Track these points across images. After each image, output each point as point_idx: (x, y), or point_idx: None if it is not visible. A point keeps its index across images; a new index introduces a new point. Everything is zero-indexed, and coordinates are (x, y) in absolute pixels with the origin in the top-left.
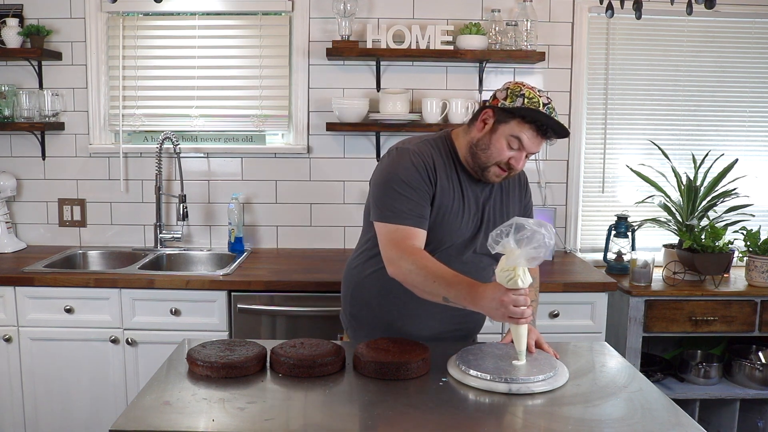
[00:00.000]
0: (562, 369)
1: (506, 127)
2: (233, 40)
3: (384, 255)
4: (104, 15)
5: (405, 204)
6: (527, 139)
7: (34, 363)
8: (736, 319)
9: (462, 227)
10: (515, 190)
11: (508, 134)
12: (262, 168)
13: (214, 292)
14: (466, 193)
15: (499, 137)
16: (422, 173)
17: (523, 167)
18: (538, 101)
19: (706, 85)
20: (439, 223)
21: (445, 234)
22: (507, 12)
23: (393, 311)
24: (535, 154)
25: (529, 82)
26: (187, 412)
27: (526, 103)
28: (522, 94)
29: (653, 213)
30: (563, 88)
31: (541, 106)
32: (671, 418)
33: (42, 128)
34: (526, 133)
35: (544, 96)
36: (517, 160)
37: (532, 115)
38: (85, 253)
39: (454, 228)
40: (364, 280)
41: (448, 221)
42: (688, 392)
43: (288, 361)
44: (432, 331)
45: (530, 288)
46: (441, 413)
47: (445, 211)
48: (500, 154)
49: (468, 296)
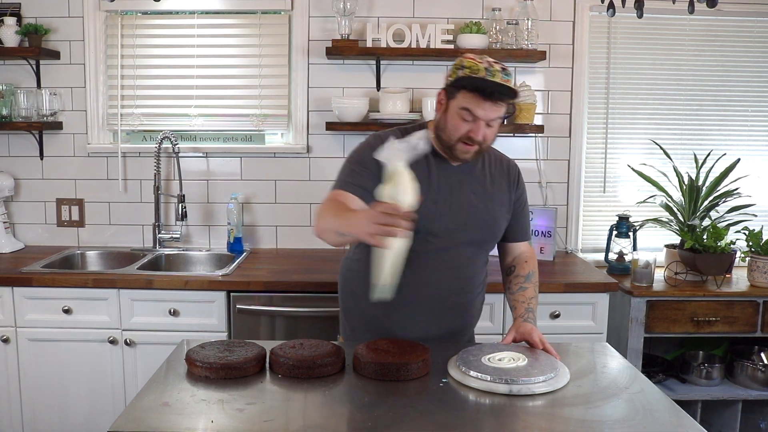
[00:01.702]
0: (563, 370)
1: (455, 101)
2: (232, 39)
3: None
4: (102, 14)
5: (351, 176)
6: (475, 107)
7: (32, 364)
8: (738, 320)
9: (435, 214)
10: (503, 182)
11: (458, 108)
12: (262, 168)
13: (213, 293)
14: (436, 176)
15: (452, 113)
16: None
17: (490, 138)
18: (478, 67)
19: (708, 84)
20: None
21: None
22: (508, 11)
23: (379, 305)
24: (495, 121)
25: (528, 80)
26: (186, 413)
27: (467, 73)
28: (462, 66)
29: (655, 213)
30: (564, 88)
31: (481, 71)
32: (673, 419)
33: (40, 128)
34: (472, 101)
35: (485, 61)
36: (475, 131)
37: (473, 83)
38: (84, 254)
39: (423, 211)
40: (352, 273)
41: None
42: (690, 393)
43: (287, 362)
44: (419, 328)
45: (529, 283)
46: (441, 414)
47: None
48: (456, 129)
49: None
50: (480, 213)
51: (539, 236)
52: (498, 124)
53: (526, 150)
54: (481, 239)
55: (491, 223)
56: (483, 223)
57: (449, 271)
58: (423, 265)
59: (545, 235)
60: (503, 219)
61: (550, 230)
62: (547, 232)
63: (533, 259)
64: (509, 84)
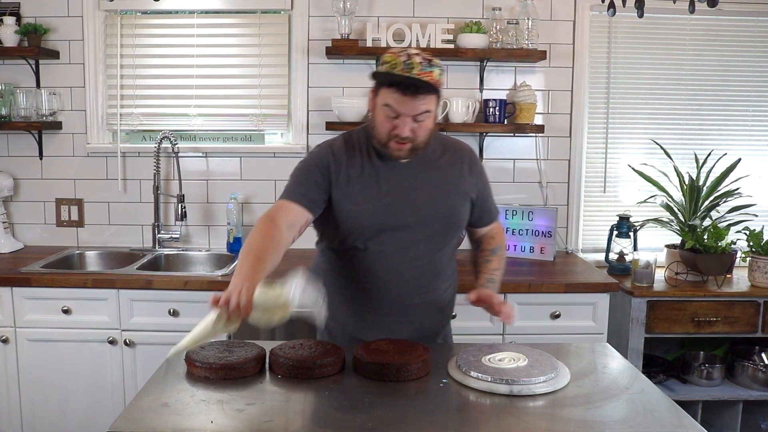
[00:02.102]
0: (564, 370)
1: (378, 98)
2: (232, 39)
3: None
4: (102, 13)
5: (297, 186)
6: (396, 103)
7: (32, 364)
8: (739, 320)
9: (383, 211)
10: (457, 170)
11: (381, 105)
12: (261, 167)
13: (212, 293)
14: (383, 175)
15: (378, 111)
16: (322, 161)
17: (421, 133)
18: (396, 61)
19: (709, 84)
20: (354, 208)
21: (366, 220)
22: (508, 10)
23: (345, 311)
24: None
25: (529, 80)
26: (186, 414)
27: (385, 69)
28: (383, 62)
29: (655, 213)
30: (565, 87)
31: (399, 65)
32: (673, 419)
33: (39, 128)
34: (391, 97)
35: (404, 54)
36: (400, 127)
37: (388, 78)
38: (83, 254)
39: (374, 211)
40: (318, 275)
41: (365, 206)
42: (691, 394)
43: (287, 362)
44: (388, 332)
45: (494, 256)
46: (442, 415)
47: (359, 197)
48: (383, 126)
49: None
50: (436, 205)
51: (540, 236)
52: (430, 117)
53: (527, 150)
54: (440, 231)
55: (449, 213)
56: (440, 215)
57: (410, 271)
58: (383, 269)
59: (545, 235)
60: (462, 207)
61: (551, 230)
62: (547, 232)
63: (500, 235)
64: (430, 76)
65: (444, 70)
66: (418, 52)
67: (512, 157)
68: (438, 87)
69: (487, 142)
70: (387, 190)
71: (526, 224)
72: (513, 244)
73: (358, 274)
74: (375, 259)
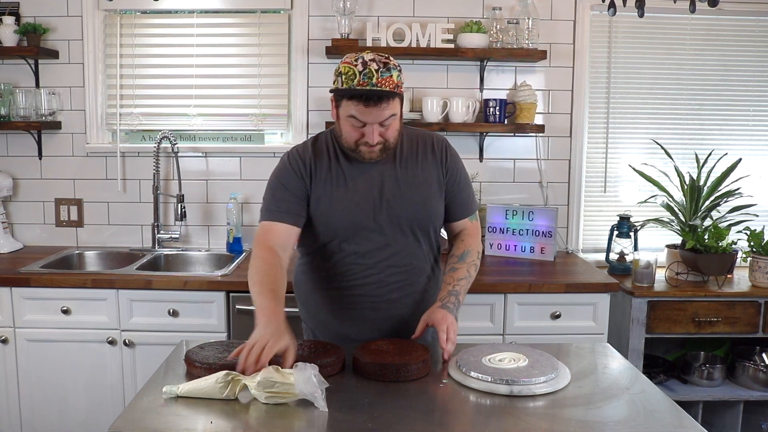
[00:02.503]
0: (564, 370)
1: (341, 109)
2: (232, 39)
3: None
4: (101, 13)
5: (276, 203)
6: (360, 114)
7: (31, 364)
8: (740, 320)
9: (354, 212)
10: (427, 161)
11: (346, 115)
12: (261, 167)
13: (212, 293)
14: (351, 175)
15: (343, 120)
16: (295, 170)
17: (391, 135)
18: (353, 72)
19: (710, 83)
20: (325, 210)
21: (337, 221)
22: (508, 10)
23: (326, 310)
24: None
25: (529, 80)
26: (185, 414)
27: (344, 81)
28: (340, 73)
29: (656, 213)
30: (565, 87)
31: (357, 75)
32: (674, 420)
33: (38, 127)
34: (354, 109)
35: (360, 63)
36: (369, 135)
37: (349, 92)
38: (82, 254)
39: (345, 213)
40: (299, 277)
41: (336, 208)
42: (691, 394)
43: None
44: (369, 329)
45: (462, 264)
46: (442, 415)
47: (330, 200)
48: (350, 135)
49: (259, 312)
50: (406, 201)
51: (540, 236)
52: (396, 119)
53: (527, 150)
54: (414, 227)
55: (420, 206)
56: (411, 210)
57: (385, 268)
58: (359, 268)
59: (546, 235)
60: (434, 199)
61: (551, 230)
62: (547, 232)
63: (472, 237)
64: (390, 81)
65: (401, 69)
66: (373, 57)
67: (512, 157)
68: (399, 91)
69: (487, 142)
70: (356, 191)
71: (526, 224)
72: (513, 244)
73: (335, 275)
74: (351, 260)
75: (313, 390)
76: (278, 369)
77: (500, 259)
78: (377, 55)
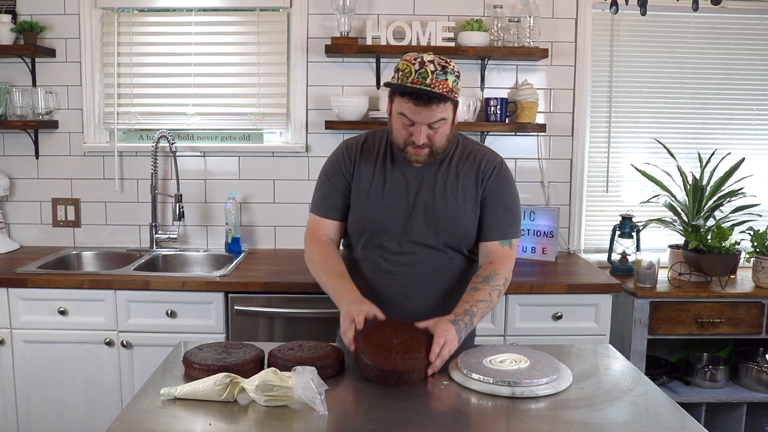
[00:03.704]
0: (566, 372)
1: (394, 106)
2: (230, 37)
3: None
4: (99, 11)
5: (320, 195)
6: (409, 112)
7: (28, 366)
8: (743, 321)
9: (386, 212)
10: (469, 178)
11: (397, 113)
12: (260, 167)
13: (210, 294)
14: (391, 177)
15: (395, 117)
16: (339, 163)
17: (438, 140)
18: (410, 70)
19: (713, 82)
20: (358, 205)
21: (366, 219)
22: (509, 8)
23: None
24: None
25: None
26: (183, 416)
27: (400, 77)
28: (397, 69)
29: (658, 213)
30: (567, 86)
31: (412, 74)
32: (677, 422)
33: (35, 127)
34: (405, 106)
35: (418, 62)
36: (416, 135)
37: (400, 89)
38: (80, 254)
39: (375, 212)
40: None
41: (366, 203)
42: (694, 396)
43: (286, 364)
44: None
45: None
46: (443, 417)
47: (364, 195)
48: (399, 133)
49: (337, 297)
50: (437, 214)
51: (541, 236)
52: (447, 123)
53: (528, 149)
54: (439, 239)
55: (449, 223)
56: (439, 223)
57: (410, 276)
58: (382, 268)
59: (547, 235)
60: (467, 218)
61: (553, 230)
62: (549, 232)
63: (502, 261)
64: (444, 85)
65: (459, 75)
66: (433, 59)
67: (514, 157)
68: (452, 96)
69: (488, 142)
70: (391, 193)
71: (527, 224)
72: None
73: (361, 266)
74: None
75: (312, 395)
76: (276, 372)
77: None
78: (438, 57)
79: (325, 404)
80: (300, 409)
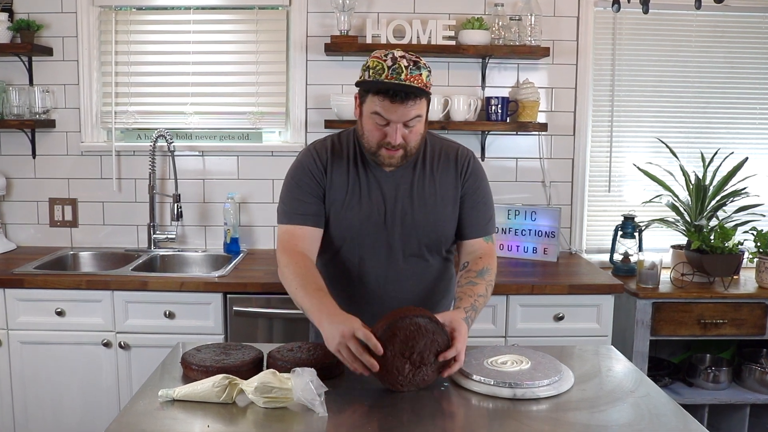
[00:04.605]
0: (567, 373)
1: (366, 105)
2: (229, 35)
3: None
4: (96, 9)
5: (292, 203)
6: (384, 111)
7: (25, 367)
8: (746, 322)
9: (366, 222)
10: (447, 177)
11: (369, 112)
12: (259, 167)
13: (209, 294)
14: (366, 184)
15: (366, 118)
16: (311, 167)
17: (412, 139)
18: (382, 66)
19: (715, 81)
20: (335, 216)
21: (346, 229)
22: (510, 6)
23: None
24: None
25: (531, 77)
26: (182, 418)
27: (371, 75)
28: (367, 67)
29: (661, 213)
30: (568, 85)
31: (385, 70)
32: (680, 424)
33: (32, 126)
34: (379, 105)
35: (390, 58)
36: (391, 135)
37: (375, 86)
38: (77, 254)
39: (354, 222)
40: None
41: (343, 214)
42: (697, 397)
43: (285, 365)
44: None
45: (481, 279)
46: (443, 419)
47: (339, 205)
48: (372, 134)
49: (315, 314)
50: (417, 219)
51: (543, 237)
52: (421, 121)
53: (530, 148)
54: (421, 245)
55: (431, 228)
56: (420, 229)
57: (393, 282)
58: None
59: (549, 235)
60: (446, 220)
61: (554, 230)
62: (550, 232)
63: (489, 257)
64: (419, 80)
65: (430, 71)
66: (404, 54)
67: (515, 156)
68: (428, 90)
69: (489, 141)
70: (369, 201)
71: (529, 224)
72: (515, 245)
73: (341, 277)
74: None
75: (311, 397)
76: (275, 373)
77: (502, 259)
78: (408, 53)
79: (324, 406)
80: (299, 410)
